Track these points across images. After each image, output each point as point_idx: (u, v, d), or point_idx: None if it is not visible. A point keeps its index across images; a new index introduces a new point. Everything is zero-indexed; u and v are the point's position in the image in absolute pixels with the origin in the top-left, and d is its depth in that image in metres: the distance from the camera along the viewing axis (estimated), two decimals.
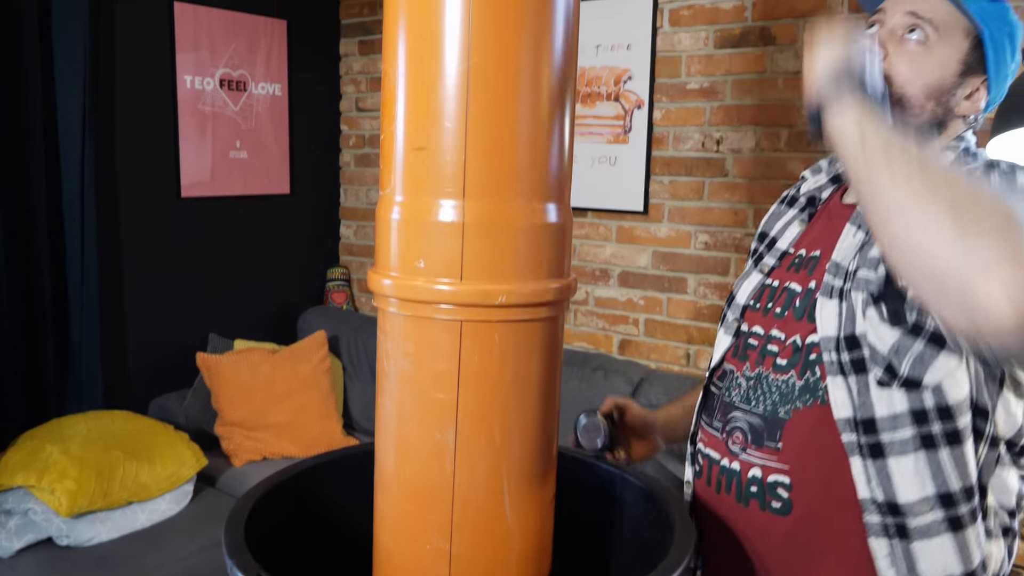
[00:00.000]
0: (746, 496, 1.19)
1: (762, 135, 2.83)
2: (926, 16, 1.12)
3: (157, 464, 2.66)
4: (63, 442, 2.57)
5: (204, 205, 3.47)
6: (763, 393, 1.19)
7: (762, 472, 1.17)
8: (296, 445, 3.14)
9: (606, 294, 3.25)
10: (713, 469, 1.25)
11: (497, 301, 0.86)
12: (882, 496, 1.08)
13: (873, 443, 1.08)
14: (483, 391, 0.89)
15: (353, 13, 3.93)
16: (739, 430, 1.21)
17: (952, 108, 1.16)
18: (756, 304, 1.28)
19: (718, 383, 1.29)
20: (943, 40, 1.13)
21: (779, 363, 1.18)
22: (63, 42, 2.84)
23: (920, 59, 1.13)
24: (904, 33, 1.13)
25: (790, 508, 1.15)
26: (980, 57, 1.14)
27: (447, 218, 0.87)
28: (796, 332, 1.17)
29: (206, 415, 3.20)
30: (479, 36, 0.84)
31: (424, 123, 0.87)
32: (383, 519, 0.97)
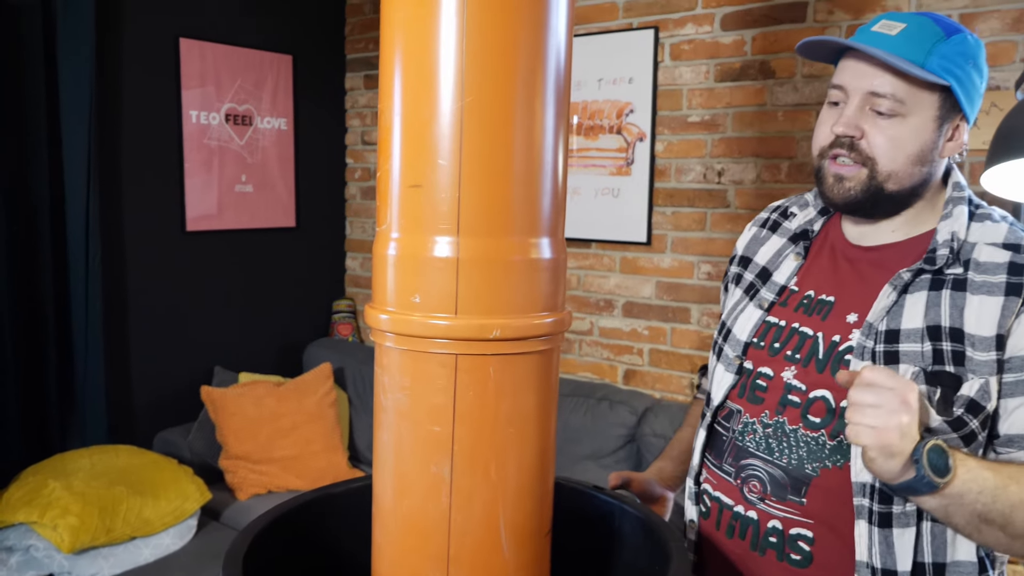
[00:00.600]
0: (763, 546, 1.20)
1: (763, 167, 2.84)
2: (887, 94, 1.12)
3: (161, 499, 2.66)
4: (66, 477, 2.57)
5: (209, 239, 3.50)
6: (788, 446, 1.19)
7: (783, 525, 1.18)
8: (301, 478, 3.14)
9: (610, 324, 3.26)
10: (724, 514, 1.25)
11: (492, 335, 0.87)
12: (879, 563, 1.10)
13: (884, 513, 1.10)
14: (479, 424, 0.89)
15: (359, 48, 3.98)
16: (757, 479, 1.21)
17: (937, 157, 1.17)
18: (760, 343, 1.27)
19: (724, 423, 1.29)
20: (913, 108, 1.12)
21: (810, 419, 1.17)
22: (69, 77, 2.88)
23: (897, 131, 1.13)
24: (872, 109, 1.13)
25: (810, 561, 1.16)
26: (953, 102, 1.14)
27: (442, 254, 0.88)
28: (822, 386, 1.17)
29: (211, 449, 3.20)
30: (473, 76, 0.86)
31: (419, 161, 0.88)
32: (381, 552, 0.97)
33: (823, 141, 1.19)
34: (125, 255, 3.20)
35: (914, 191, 1.17)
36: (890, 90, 1.11)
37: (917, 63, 1.10)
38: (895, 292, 1.15)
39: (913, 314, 1.12)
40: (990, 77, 2.42)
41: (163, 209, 3.32)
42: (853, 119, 1.14)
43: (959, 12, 2.47)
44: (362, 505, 1.05)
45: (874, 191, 1.15)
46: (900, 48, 1.10)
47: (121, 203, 3.17)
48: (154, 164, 3.28)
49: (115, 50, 3.11)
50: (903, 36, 1.12)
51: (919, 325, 1.11)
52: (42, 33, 2.79)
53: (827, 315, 1.21)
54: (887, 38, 1.12)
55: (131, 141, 3.19)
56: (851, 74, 1.15)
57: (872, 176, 1.15)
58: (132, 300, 3.24)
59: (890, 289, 1.15)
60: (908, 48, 1.11)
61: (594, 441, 2.91)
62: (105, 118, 3.06)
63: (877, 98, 1.12)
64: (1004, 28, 2.42)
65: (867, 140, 1.14)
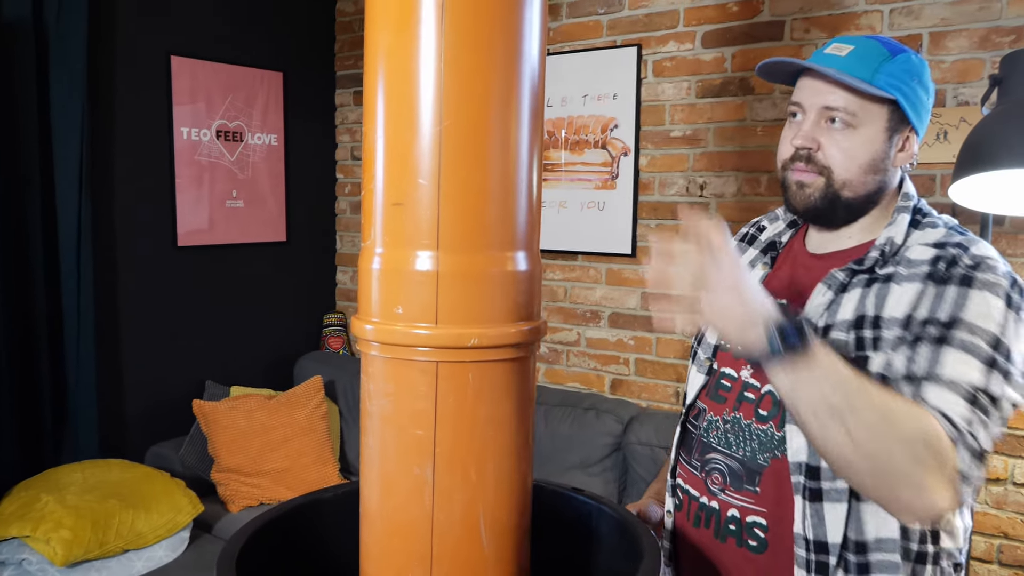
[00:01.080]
0: (724, 533, 1.27)
1: (743, 180, 2.91)
2: (839, 107, 1.20)
3: (153, 512, 2.69)
4: (59, 492, 2.61)
5: (201, 253, 3.55)
6: (743, 439, 1.27)
7: (740, 513, 1.25)
8: (293, 491, 3.18)
9: (597, 335, 3.31)
10: (692, 505, 1.33)
11: (470, 343, 0.93)
12: (812, 535, 1.17)
13: (814, 488, 1.17)
14: (459, 428, 0.95)
15: (348, 65, 4.05)
16: (718, 471, 1.29)
17: (889, 167, 1.25)
18: (727, 345, 1.35)
19: (694, 421, 1.37)
20: (863, 120, 1.21)
21: (760, 413, 1.25)
22: (61, 94, 2.93)
23: (850, 142, 1.21)
24: (827, 122, 1.22)
25: (765, 547, 1.23)
26: (902, 115, 1.22)
27: (423, 267, 0.93)
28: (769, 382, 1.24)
29: (202, 462, 3.23)
30: (450, 100, 0.92)
31: (401, 181, 0.94)
32: (368, 552, 1.02)
33: (785, 154, 1.28)
34: (117, 270, 3.24)
35: (869, 198, 1.25)
36: (842, 104, 1.20)
37: (865, 80, 1.19)
38: (830, 291, 1.23)
39: (846, 309, 1.20)
40: (959, 93, 2.50)
41: (155, 224, 3.37)
42: (810, 132, 1.23)
43: (928, 31, 2.55)
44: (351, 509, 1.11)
45: (832, 198, 1.23)
46: (850, 67, 1.20)
47: (113, 218, 3.21)
48: (146, 180, 3.33)
49: (107, 67, 3.16)
50: (852, 56, 1.21)
51: (849, 318, 1.19)
52: (35, 50, 2.84)
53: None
54: (838, 58, 1.22)
55: (123, 157, 3.24)
56: (807, 92, 1.24)
57: (829, 184, 1.23)
58: (124, 315, 3.28)
59: (824, 288, 1.24)
60: (857, 67, 1.20)
61: (582, 450, 2.96)
62: (97, 134, 3.11)
63: (831, 112, 1.21)
64: (972, 46, 2.49)
65: (823, 151, 1.23)
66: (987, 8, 2.48)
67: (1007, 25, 2.45)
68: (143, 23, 3.27)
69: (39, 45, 2.86)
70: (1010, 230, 2.47)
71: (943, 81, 2.53)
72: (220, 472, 3.14)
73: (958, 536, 1.20)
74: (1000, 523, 2.52)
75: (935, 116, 2.52)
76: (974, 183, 2.06)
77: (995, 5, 2.46)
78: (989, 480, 2.52)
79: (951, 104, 2.53)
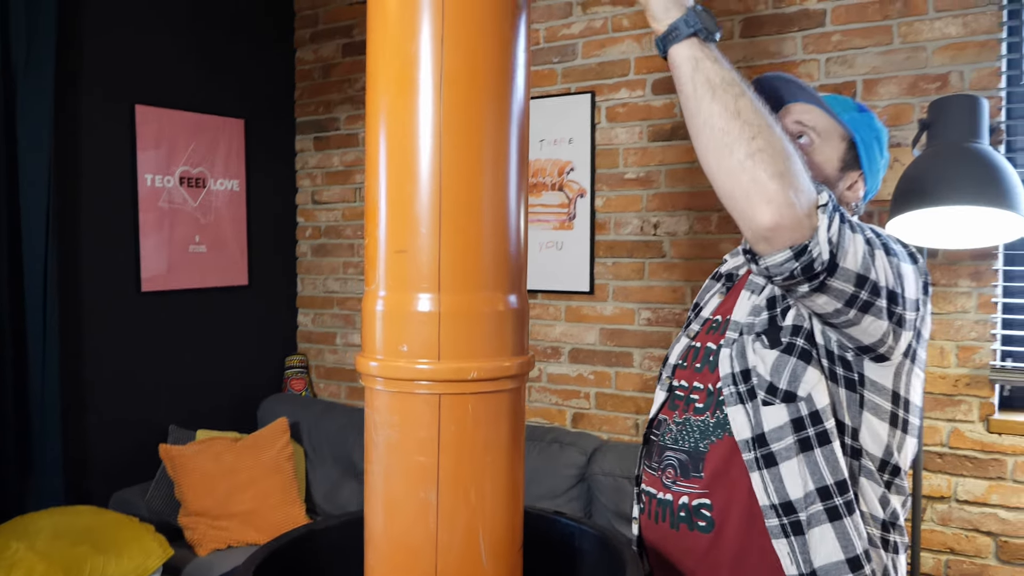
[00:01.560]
0: (677, 521, 1.40)
1: (695, 219, 3.06)
2: (810, 124, 1.41)
3: (124, 556, 2.70)
4: (28, 539, 2.61)
5: (164, 298, 3.58)
6: (688, 434, 1.41)
7: (688, 499, 1.38)
8: (261, 532, 3.20)
9: (558, 371, 3.42)
10: (652, 503, 1.46)
11: (470, 376, 1.02)
12: (778, 499, 1.29)
13: (766, 454, 1.30)
14: (460, 454, 1.04)
15: (308, 111, 4.14)
16: (671, 466, 1.43)
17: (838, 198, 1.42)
18: (684, 363, 1.50)
19: (656, 431, 1.50)
20: (825, 143, 1.41)
21: (698, 407, 1.40)
22: (28, 141, 2.97)
23: (809, 158, 1.38)
24: (794, 138, 1.39)
25: (712, 526, 1.36)
26: (855, 156, 1.42)
27: (425, 308, 1.03)
28: (709, 381, 1.41)
29: (168, 507, 3.25)
30: (449, 158, 1.02)
31: (404, 230, 1.04)
32: (373, 573, 1.10)
33: None
34: (82, 316, 3.27)
35: None
36: (813, 122, 1.41)
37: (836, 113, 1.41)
38: (754, 294, 1.40)
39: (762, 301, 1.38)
40: (892, 136, 2.68)
41: (118, 270, 3.40)
42: None
43: (862, 78, 2.74)
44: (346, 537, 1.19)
45: None
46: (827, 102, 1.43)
47: (78, 264, 3.25)
48: (110, 226, 3.37)
49: (73, 116, 3.21)
50: (829, 98, 1.45)
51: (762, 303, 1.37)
52: (2, 98, 2.88)
53: (722, 330, 1.45)
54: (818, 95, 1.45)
55: (88, 204, 3.28)
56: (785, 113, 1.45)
57: None
58: (88, 360, 3.30)
59: (747, 293, 1.41)
60: (832, 104, 1.43)
61: (548, 481, 3.05)
62: (64, 181, 3.15)
63: (801, 127, 1.41)
64: (901, 92, 2.69)
65: None
66: (914, 57, 2.67)
67: (932, 73, 2.65)
68: (108, 72, 3.33)
69: (7, 91, 2.90)
70: (944, 262, 2.64)
71: None
72: (187, 516, 3.16)
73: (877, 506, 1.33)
74: (946, 539, 2.67)
75: None
76: (909, 219, 2.23)
77: (921, 54, 2.66)
78: (934, 498, 2.67)
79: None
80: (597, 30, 3.25)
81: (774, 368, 1.30)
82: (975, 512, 2.62)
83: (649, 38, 3.13)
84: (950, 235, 2.29)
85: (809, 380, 1.29)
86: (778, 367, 1.30)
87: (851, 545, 1.28)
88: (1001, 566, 2.58)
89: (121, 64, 3.38)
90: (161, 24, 3.52)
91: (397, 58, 1.04)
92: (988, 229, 2.22)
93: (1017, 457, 2.55)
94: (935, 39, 2.65)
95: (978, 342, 2.61)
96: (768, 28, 2.90)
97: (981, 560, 2.62)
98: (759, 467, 1.31)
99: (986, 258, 2.59)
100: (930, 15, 2.65)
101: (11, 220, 2.95)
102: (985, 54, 2.58)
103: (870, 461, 1.33)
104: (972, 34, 2.60)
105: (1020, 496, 2.55)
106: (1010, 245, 2.60)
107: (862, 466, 1.32)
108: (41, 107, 2.97)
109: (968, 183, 2.04)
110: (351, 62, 3.99)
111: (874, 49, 2.73)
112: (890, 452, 1.34)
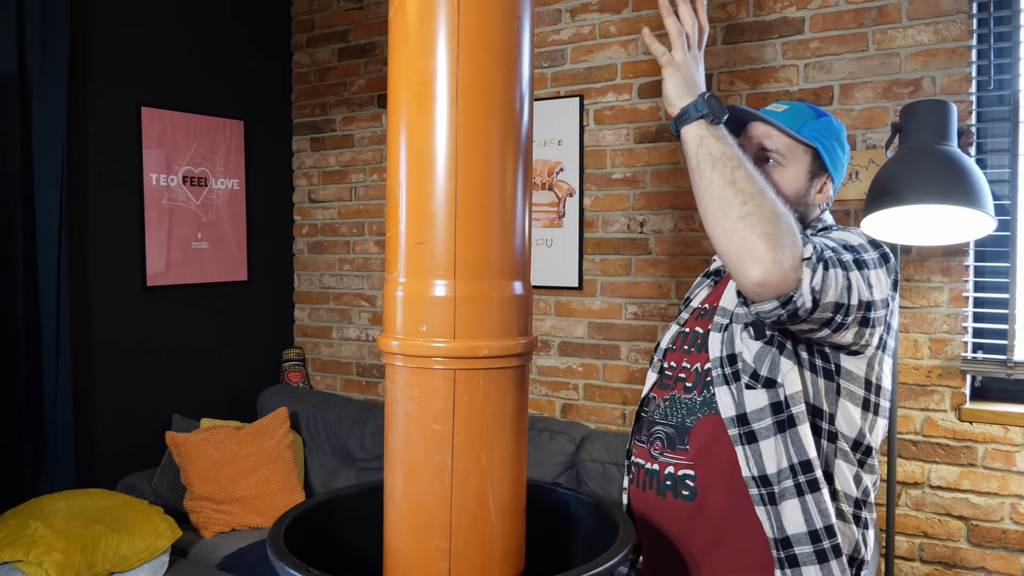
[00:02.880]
0: (663, 489, 1.54)
1: (679, 217, 3.21)
2: (773, 148, 1.55)
3: (136, 536, 2.82)
4: (46, 518, 2.73)
5: (168, 292, 3.70)
6: (676, 410, 1.55)
7: (674, 469, 1.53)
8: (263, 517, 3.33)
9: (548, 363, 3.55)
10: (640, 472, 1.61)
11: (482, 354, 1.16)
12: (756, 472, 1.44)
13: (748, 432, 1.45)
14: (472, 423, 1.18)
15: (305, 113, 4.26)
16: (658, 439, 1.57)
17: (810, 203, 1.57)
18: (673, 347, 1.66)
19: (647, 408, 1.65)
20: (791, 161, 1.55)
21: (687, 386, 1.54)
22: (42, 143, 3.09)
23: (780, 178, 1.54)
24: (763, 163, 1.54)
25: (695, 495, 1.51)
26: (821, 162, 1.56)
27: (441, 293, 1.17)
28: (697, 362, 1.55)
29: (174, 491, 3.37)
30: (464, 161, 1.16)
31: (422, 225, 1.18)
32: (393, 528, 1.24)
33: None
34: (91, 310, 3.39)
35: None
36: (775, 146, 1.54)
37: (795, 130, 1.53)
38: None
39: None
40: (867, 138, 2.83)
41: (125, 265, 3.53)
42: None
43: (839, 83, 2.88)
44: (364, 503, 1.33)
45: None
46: (784, 119, 1.54)
47: (88, 260, 3.36)
48: (118, 223, 3.49)
49: (83, 118, 3.33)
50: (787, 113, 1.57)
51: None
52: (19, 103, 3.01)
53: (710, 316, 1.60)
54: (776, 113, 1.57)
55: (97, 202, 3.40)
56: (747, 138, 1.57)
57: None
58: (97, 351, 3.42)
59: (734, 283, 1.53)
60: (790, 120, 1.55)
61: (539, 468, 3.18)
62: (75, 181, 3.27)
63: (766, 152, 1.55)
64: (876, 96, 2.83)
65: None
66: (888, 63, 2.82)
67: (905, 78, 2.79)
68: (116, 76, 3.45)
69: (23, 98, 3.03)
70: (916, 258, 2.78)
71: (853, 127, 2.86)
72: (193, 500, 3.28)
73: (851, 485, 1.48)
74: (920, 523, 2.80)
75: None
76: (883, 217, 2.36)
77: (895, 60, 2.81)
78: (908, 484, 2.80)
79: (860, 148, 2.86)
80: (585, 36, 3.39)
81: (757, 357, 1.45)
82: (947, 497, 2.75)
83: (635, 44, 3.27)
84: (921, 233, 2.40)
85: (784, 368, 1.44)
86: (760, 356, 1.45)
87: (812, 519, 1.43)
88: (972, 548, 2.72)
89: (128, 69, 3.50)
90: (165, 31, 3.65)
91: (417, 72, 1.18)
92: (957, 227, 2.34)
93: (987, 444, 2.68)
94: (908, 46, 2.79)
95: (950, 335, 2.74)
96: (749, 35, 3.04)
97: (953, 543, 2.75)
98: (742, 443, 1.45)
99: (957, 254, 2.72)
100: (903, 23, 2.79)
101: (26, 219, 3.07)
102: (956, 60, 2.71)
103: (845, 443, 1.47)
104: (943, 41, 2.73)
105: (990, 482, 2.68)
106: (980, 242, 2.72)
107: (838, 448, 1.47)
108: (54, 111, 3.09)
109: (936, 183, 2.16)
110: (346, 66, 4.11)
111: (850, 55, 2.87)
112: (863, 434, 1.49)
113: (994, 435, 2.66)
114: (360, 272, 4.13)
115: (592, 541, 1.40)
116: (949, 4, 2.71)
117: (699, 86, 1.40)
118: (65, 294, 3.13)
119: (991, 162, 2.73)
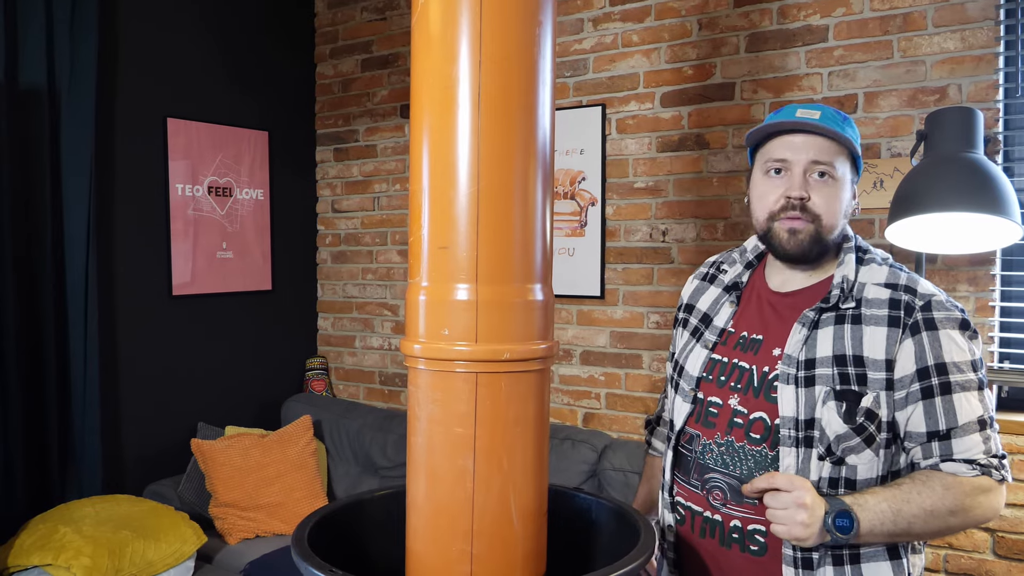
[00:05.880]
0: (728, 541, 1.48)
1: (702, 226, 3.20)
2: (825, 160, 1.44)
3: (162, 542, 2.85)
4: (74, 524, 2.76)
5: (193, 302, 3.74)
6: (739, 460, 1.47)
7: (742, 523, 1.46)
8: (287, 524, 3.35)
9: (570, 372, 3.55)
10: (696, 519, 1.53)
11: (503, 357, 1.17)
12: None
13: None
14: (494, 426, 1.18)
15: (328, 124, 4.30)
16: (719, 489, 1.49)
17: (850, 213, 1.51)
18: (708, 376, 1.57)
19: (687, 446, 1.57)
20: (840, 171, 1.46)
21: (752, 436, 1.46)
22: (71, 154, 3.14)
23: (834, 193, 1.46)
24: (815, 175, 1.45)
25: (765, 550, 1.45)
26: (855, 167, 1.50)
27: (464, 298, 1.17)
28: (759, 409, 1.47)
29: (199, 498, 3.39)
30: (484, 167, 1.17)
31: (445, 229, 1.19)
32: (416, 532, 1.24)
33: (773, 206, 1.49)
34: (117, 318, 3.43)
35: (836, 240, 1.50)
36: (827, 158, 1.44)
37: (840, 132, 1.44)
38: (805, 328, 1.46)
39: (824, 346, 1.44)
40: (892, 146, 2.81)
41: (151, 275, 3.57)
42: (801, 185, 1.45)
43: (863, 91, 2.87)
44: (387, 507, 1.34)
45: (819, 241, 1.47)
46: (826, 124, 1.44)
47: (114, 270, 3.41)
48: (144, 233, 3.53)
49: (110, 130, 3.38)
50: (824, 118, 1.46)
51: (829, 354, 1.43)
52: (48, 114, 3.06)
53: (758, 351, 1.52)
54: (814, 120, 1.45)
55: (124, 212, 3.45)
56: (791, 150, 1.45)
57: (818, 230, 1.46)
58: (123, 360, 3.46)
59: (799, 326, 1.47)
60: (831, 124, 1.45)
61: (561, 476, 3.18)
62: (102, 191, 3.32)
63: (818, 165, 1.44)
64: (902, 104, 2.82)
65: (813, 201, 1.45)
66: (913, 71, 2.80)
67: (931, 86, 2.77)
68: (143, 88, 3.50)
69: (52, 110, 3.08)
70: (942, 267, 2.76)
71: (877, 136, 2.85)
72: (218, 507, 3.30)
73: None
74: None
75: (872, 166, 2.83)
76: (908, 226, 2.33)
77: (920, 68, 2.79)
78: None
79: (885, 156, 2.84)
80: (608, 45, 3.40)
81: (838, 439, 1.39)
82: None
83: (657, 53, 3.28)
84: (947, 241, 2.37)
85: (863, 457, 1.40)
86: (841, 439, 1.39)
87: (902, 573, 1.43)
88: (998, 560, 2.68)
89: (154, 80, 3.56)
90: (191, 43, 3.70)
91: (440, 78, 1.19)
92: (984, 235, 2.30)
93: (1014, 456, 2.64)
94: (934, 53, 2.77)
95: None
96: (772, 43, 3.04)
97: (979, 555, 2.71)
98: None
99: (984, 263, 2.70)
100: (929, 30, 2.77)
101: (55, 230, 3.12)
102: (982, 67, 2.69)
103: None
104: (970, 48, 2.71)
105: (1017, 494, 2.64)
106: (1007, 250, 2.69)
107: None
108: (83, 122, 3.14)
109: (962, 191, 2.13)
110: (369, 76, 4.15)
111: (875, 63, 2.86)
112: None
113: (1020, 446, 2.63)
114: (383, 282, 4.15)
115: (613, 546, 1.40)
116: (976, 11, 2.69)
117: (820, 521, 1.33)
118: (93, 304, 3.17)
119: (1018, 170, 2.70)
